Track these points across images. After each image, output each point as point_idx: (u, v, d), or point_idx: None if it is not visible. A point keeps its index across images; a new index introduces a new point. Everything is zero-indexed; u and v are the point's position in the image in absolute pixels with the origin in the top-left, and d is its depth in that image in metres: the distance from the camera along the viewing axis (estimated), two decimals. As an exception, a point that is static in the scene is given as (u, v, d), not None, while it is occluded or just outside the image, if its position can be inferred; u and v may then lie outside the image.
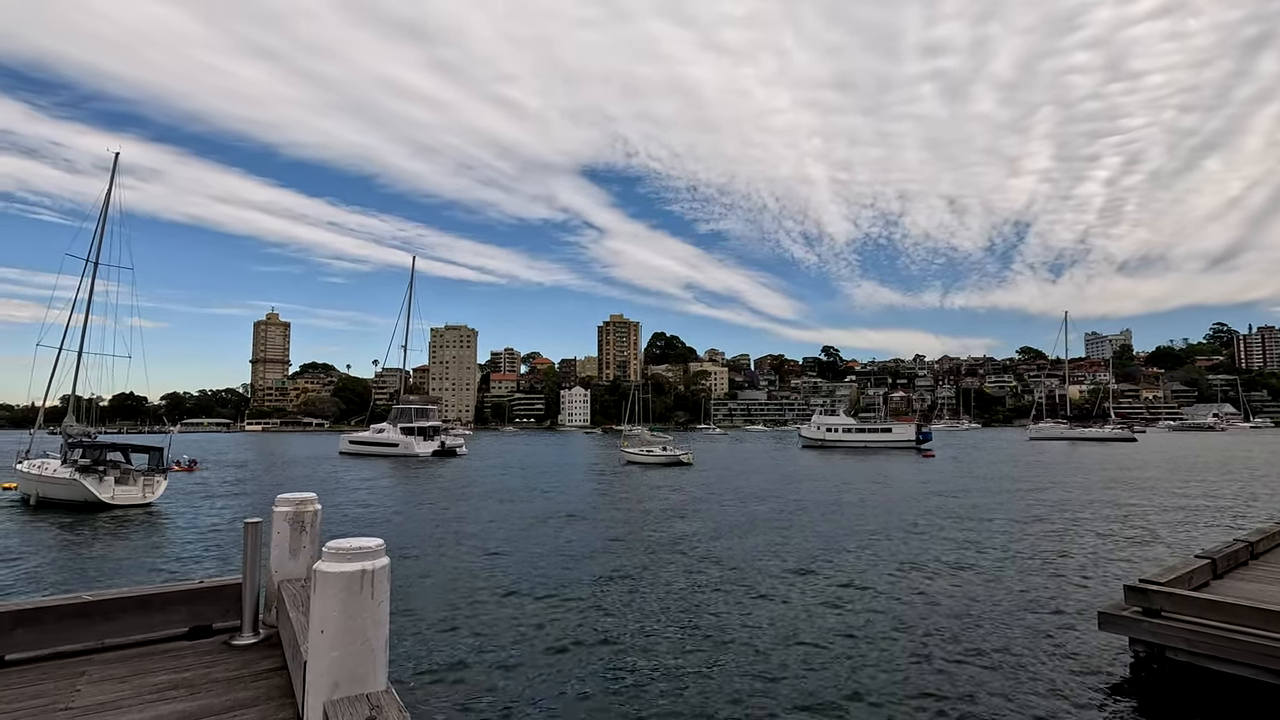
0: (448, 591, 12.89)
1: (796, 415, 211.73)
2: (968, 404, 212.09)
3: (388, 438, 62.53)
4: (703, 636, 10.09)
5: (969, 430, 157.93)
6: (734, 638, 10.05)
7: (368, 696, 2.97)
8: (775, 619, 10.96)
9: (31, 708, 3.91)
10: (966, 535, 18.63)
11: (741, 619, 10.98)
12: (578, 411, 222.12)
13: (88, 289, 30.73)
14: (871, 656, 9.18)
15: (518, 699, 7.88)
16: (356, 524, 21.91)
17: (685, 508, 25.00)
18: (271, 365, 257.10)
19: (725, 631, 10.32)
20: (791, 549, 16.84)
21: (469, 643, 9.85)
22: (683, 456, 47.62)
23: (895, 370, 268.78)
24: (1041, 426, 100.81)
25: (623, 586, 13.25)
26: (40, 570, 15.34)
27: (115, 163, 32.16)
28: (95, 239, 31.01)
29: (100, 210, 31.59)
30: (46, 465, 27.01)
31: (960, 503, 25.76)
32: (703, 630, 10.39)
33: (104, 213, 31.54)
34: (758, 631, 10.33)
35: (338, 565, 3.04)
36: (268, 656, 4.80)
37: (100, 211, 31.57)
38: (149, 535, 20.22)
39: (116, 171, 31.96)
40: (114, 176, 32.01)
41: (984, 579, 13.54)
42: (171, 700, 4.02)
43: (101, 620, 4.96)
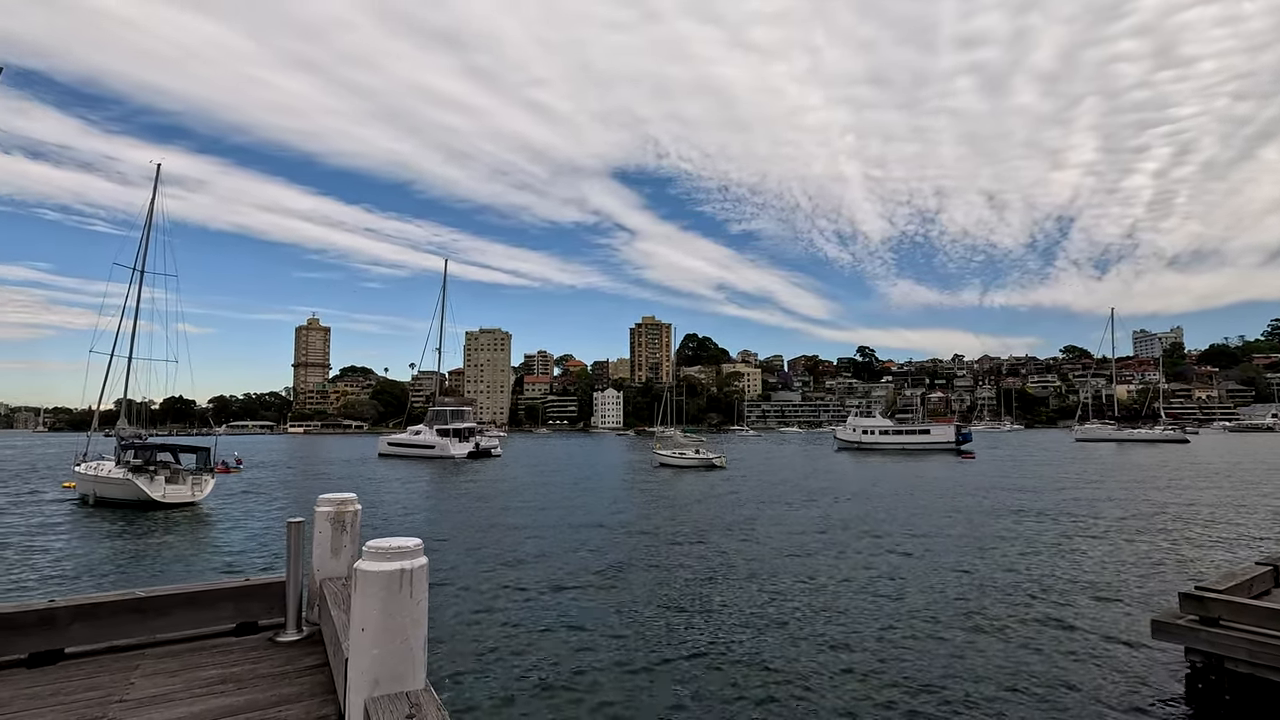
0: (482, 592, 13.02)
1: (831, 417, 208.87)
2: (1009, 405, 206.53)
3: (424, 440, 63.53)
4: (727, 635, 10.01)
5: (1011, 431, 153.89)
6: (781, 642, 9.94)
7: (407, 695, 3.00)
8: (819, 621, 10.81)
9: (88, 699, 4.06)
10: (1012, 539, 18.12)
11: (788, 622, 10.86)
12: (610, 413, 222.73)
13: (135, 296, 31.92)
14: (913, 664, 8.98)
15: (552, 700, 7.91)
16: (394, 524, 22.30)
17: (717, 512, 24.86)
18: (313, 369, 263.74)
19: (766, 634, 10.22)
20: (832, 553, 16.60)
21: (504, 644, 9.93)
22: (715, 460, 47.31)
23: (933, 370, 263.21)
24: (1088, 427, 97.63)
25: (655, 589, 13.21)
26: (97, 566, 15.97)
27: (158, 174, 33.31)
28: (140, 248, 32.16)
29: (145, 220, 32.77)
30: (102, 466, 28.10)
31: (1004, 506, 25.09)
32: (727, 629, 10.30)
33: (148, 222, 32.65)
34: (804, 632, 10.20)
35: (377, 564, 3.08)
36: (310, 653, 4.90)
37: (145, 221, 32.74)
38: (197, 533, 20.89)
39: (160, 182, 33.12)
40: (157, 187, 33.10)
41: (1031, 584, 13.16)
42: (220, 694, 4.13)
43: (154, 616, 5.13)
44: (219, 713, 3.87)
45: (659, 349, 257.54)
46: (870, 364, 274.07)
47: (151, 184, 32.87)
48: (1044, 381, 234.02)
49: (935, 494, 29.30)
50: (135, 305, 31.92)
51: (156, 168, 33.38)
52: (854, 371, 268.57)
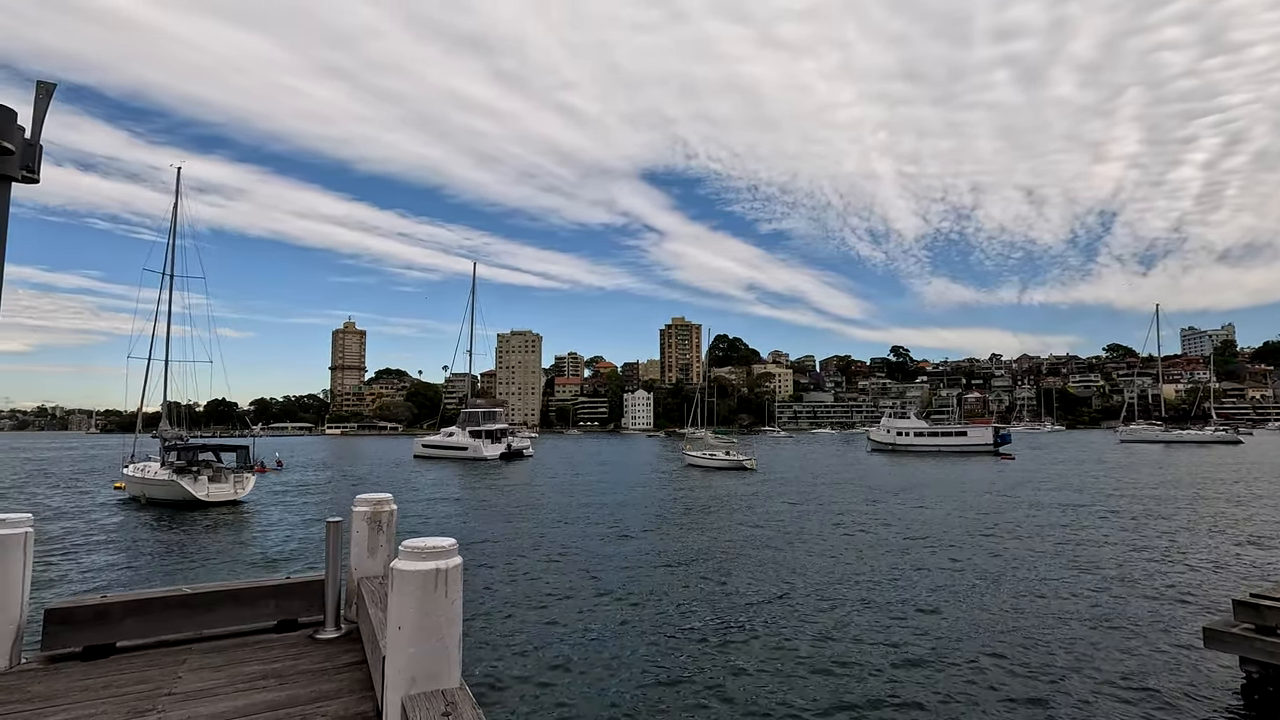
0: (514, 591, 13.13)
1: (865, 418, 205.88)
2: (1050, 405, 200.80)
3: (457, 441, 64.35)
4: (752, 634, 9.91)
5: (1052, 432, 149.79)
6: (820, 650, 9.83)
7: (443, 693, 3.04)
8: (865, 627, 10.66)
9: (139, 692, 4.20)
10: (1057, 542, 17.64)
11: (829, 631, 10.73)
12: (641, 414, 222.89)
13: (165, 300, 32.82)
14: (955, 675, 8.80)
15: (583, 700, 7.93)
16: (429, 524, 22.63)
17: (747, 515, 24.69)
18: (349, 371, 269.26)
19: (795, 641, 10.11)
20: (869, 557, 16.36)
21: (536, 643, 9.99)
22: (746, 461, 46.95)
23: (970, 370, 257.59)
24: (1133, 428, 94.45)
25: (684, 590, 13.17)
26: (145, 563, 16.53)
27: (179, 178, 33.86)
28: (168, 252, 32.95)
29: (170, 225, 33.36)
30: (148, 468, 29.08)
31: (1048, 509, 24.43)
32: (754, 628, 10.21)
33: (173, 226, 33.21)
34: (845, 639, 10.07)
35: (413, 563, 3.12)
36: (349, 651, 4.99)
37: (170, 226, 33.32)
38: (239, 531, 21.48)
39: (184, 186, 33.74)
40: (179, 191, 33.63)
41: (1078, 590, 12.79)
42: (262, 690, 4.24)
43: (200, 612, 5.28)
44: (262, 707, 3.96)
45: (689, 350, 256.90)
46: (904, 364, 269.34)
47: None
48: (1086, 381, 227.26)
49: (975, 496, 28.66)
50: (168, 309, 32.89)
51: (177, 171, 33.88)
52: (888, 372, 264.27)
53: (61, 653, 4.84)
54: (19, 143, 4.42)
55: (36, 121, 4.55)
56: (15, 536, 4.70)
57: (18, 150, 4.42)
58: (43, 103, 4.58)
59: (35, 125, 4.55)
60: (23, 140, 4.46)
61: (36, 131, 4.56)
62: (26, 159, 4.52)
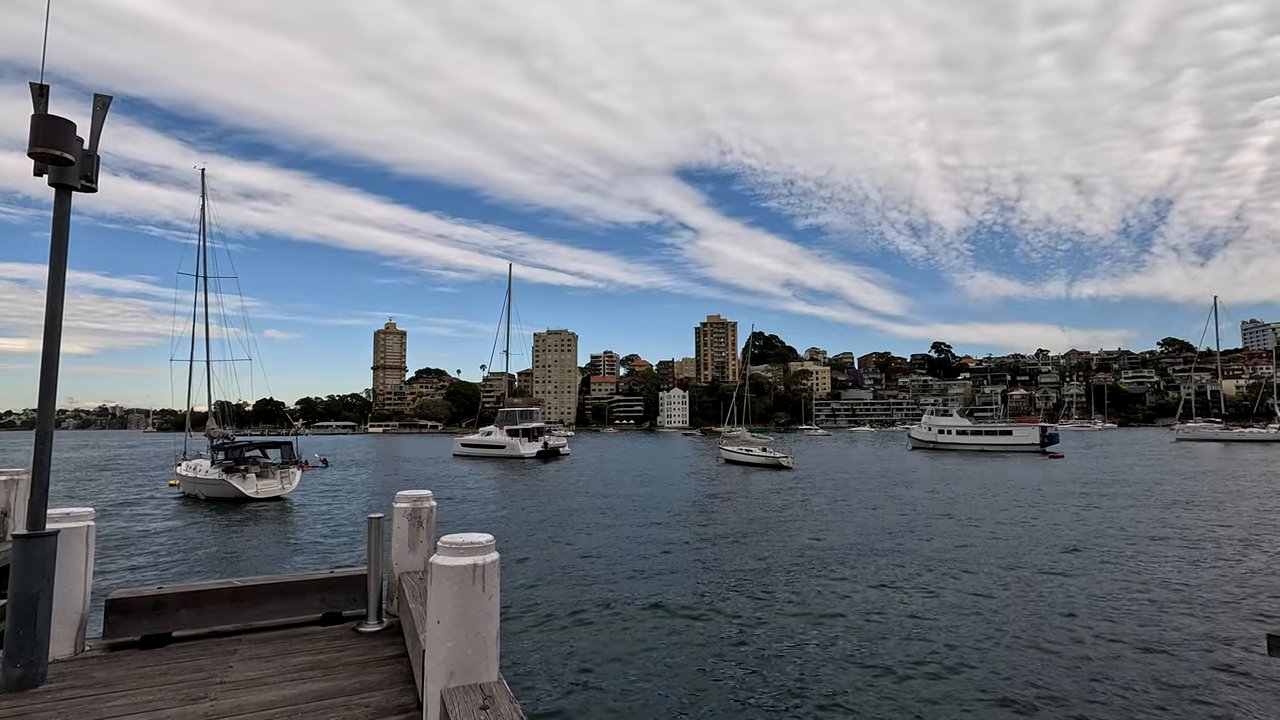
0: (551, 587, 13.24)
1: (905, 415, 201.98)
2: (1100, 402, 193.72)
3: (495, 440, 65.18)
4: (789, 637, 9.80)
5: (1102, 430, 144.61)
6: (863, 657, 9.69)
7: (480, 687, 3.08)
8: (915, 634, 10.48)
9: (193, 680, 4.38)
10: (1112, 545, 17.04)
11: (879, 638, 10.57)
12: (676, 413, 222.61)
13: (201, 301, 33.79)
14: (1009, 684, 8.57)
15: (618, 697, 7.96)
16: (468, 521, 22.97)
17: (788, 511, 24.45)
18: (390, 371, 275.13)
19: (836, 648, 9.97)
20: (912, 558, 16.05)
21: (572, 641, 10.06)
22: (783, 459, 46.52)
23: (1015, 367, 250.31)
24: (1191, 426, 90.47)
25: (722, 586, 13.11)
26: (199, 555, 17.16)
27: (204, 179, 34.08)
28: (199, 254, 33.72)
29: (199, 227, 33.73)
30: (199, 466, 30.15)
31: (1103, 510, 23.62)
32: (789, 629, 10.09)
33: (201, 228, 33.71)
34: (898, 648, 9.90)
35: (451, 559, 3.17)
36: (391, 643, 5.11)
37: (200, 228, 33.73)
38: (285, 525, 22.14)
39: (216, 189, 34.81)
40: (205, 192, 33.85)
41: (1139, 594, 12.33)
42: (309, 680, 4.36)
43: (249, 604, 5.47)
44: (308, 697, 4.08)
45: (725, 348, 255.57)
46: (946, 360, 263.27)
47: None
48: (1139, 377, 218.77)
49: (1024, 496, 27.87)
50: (204, 311, 33.90)
51: (201, 173, 34.04)
52: (929, 368, 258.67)
53: (121, 641, 5.07)
54: (78, 153, 4.63)
55: (94, 133, 4.76)
56: (78, 530, 4.92)
57: (77, 161, 4.63)
58: (99, 115, 4.78)
59: (93, 136, 4.76)
60: (81, 151, 4.67)
61: (94, 142, 4.77)
62: (85, 169, 4.73)
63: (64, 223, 4.68)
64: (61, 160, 4.50)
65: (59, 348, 4.62)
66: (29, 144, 4.37)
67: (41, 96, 4.43)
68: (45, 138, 4.40)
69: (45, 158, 4.46)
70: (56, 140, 4.43)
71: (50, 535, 4.51)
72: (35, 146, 4.39)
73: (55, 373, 4.61)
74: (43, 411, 4.55)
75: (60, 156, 4.48)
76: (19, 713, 3.88)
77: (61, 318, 4.63)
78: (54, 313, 4.59)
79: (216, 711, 3.88)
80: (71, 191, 4.71)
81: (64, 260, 4.66)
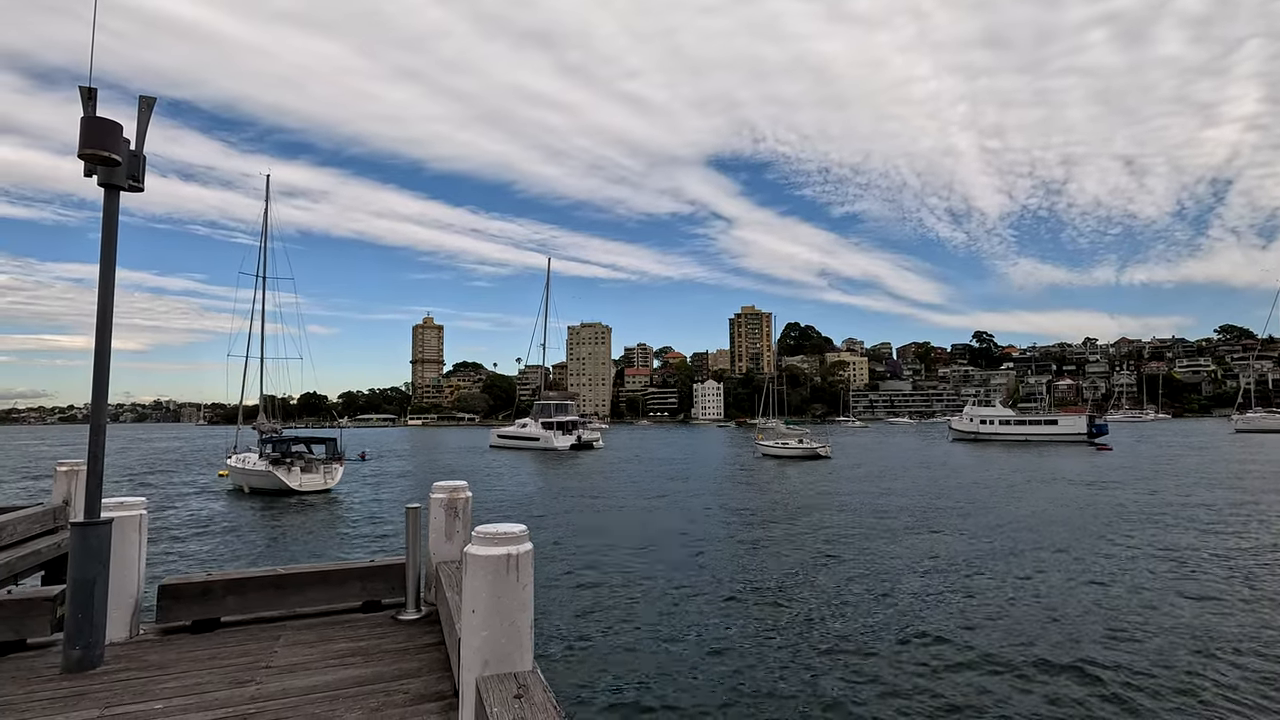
0: (584, 577, 13.32)
1: (946, 406, 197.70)
2: (1153, 392, 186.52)
3: (530, 432, 65.92)
4: (830, 631, 9.67)
5: (1154, 421, 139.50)
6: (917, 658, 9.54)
7: (515, 675, 3.09)
8: (973, 636, 10.27)
9: (240, 664, 4.51)
10: (1167, 545, 16.44)
11: (928, 641, 10.40)
12: (711, 405, 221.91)
13: (260, 300, 34.99)
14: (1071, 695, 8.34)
15: (652, 689, 7.97)
16: (503, 511, 23.28)
17: (831, 501, 24.18)
18: (428, 365, 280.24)
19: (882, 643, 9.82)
20: (953, 555, 15.73)
21: (606, 632, 10.11)
22: (820, 449, 46.06)
23: (1061, 356, 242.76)
24: (1251, 416, 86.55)
25: (759, 580, 13.02)
26: (246, 544, 17.75)
27: (268, 184, 36.09)
28: (260, 255, 35.12)
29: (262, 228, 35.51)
30: (248, 459, 31.15)
31: (1157, 503, 22.80)
32: (828, 624, 9.96)
33: (264, 230, 35.44)
34: (954, 656, 9.73)
35: (486, 549, 3.18)
36: (429, 631, 5.19)
37: (261, 229, 35.51)
38: (328, 516, 22.75)
39: (273, 191, 35.93)
40: (269, 196, 35.83)
41: (1203, 596, 11.88)
42: (350, 666, 4.46)
43: (292, 591, 5.62)
44: (349, 683, 4.17)
45: (759, 339, 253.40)
46: (988, 350, 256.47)
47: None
48: (1194, 366, 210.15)
49: (1071, 489, 27.06)
50: (261, 309, 35.07)
51: (266, 179, 36.22)
52: (970, 358, 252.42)
53: (173, 625, 5.26)
54: (125, 154, 4.77)
55: (139, 133, 4.89)
56: (132, 519, 5.11)
57: (124, 161, 4.77)
58: (144, 116, 4.92)
59: (138, 137, 4.90)
60: (128, 152, 4.81)
61: (140, 143, 4.91)
62: (132, 169, 4.87)
63: (113, 221, 4.84)
64: (109, 161, 4.64)
65: (110, 343, 4.78)
66: (79, 145, 4.52)
67: (90, 99, 4.57)
68: (93, 139, 4.54)
69: (94, 159, 4.60)
70: (104, 141, 4.57)
71: (105, 523, 4.69)
72: (84, 148, 4.53)
73: (107, 368, 4.78)
74: (96, 405, 4.73)
75: (108, 157, 4.62)
76: (79, 692, 4.06)
77: (112, 313, 4.80)
78: (105, 309, 4.75)
79: (262, 694, 3.99)
80: (119, 191, 4.86)
81: (113, 257, 4.82)
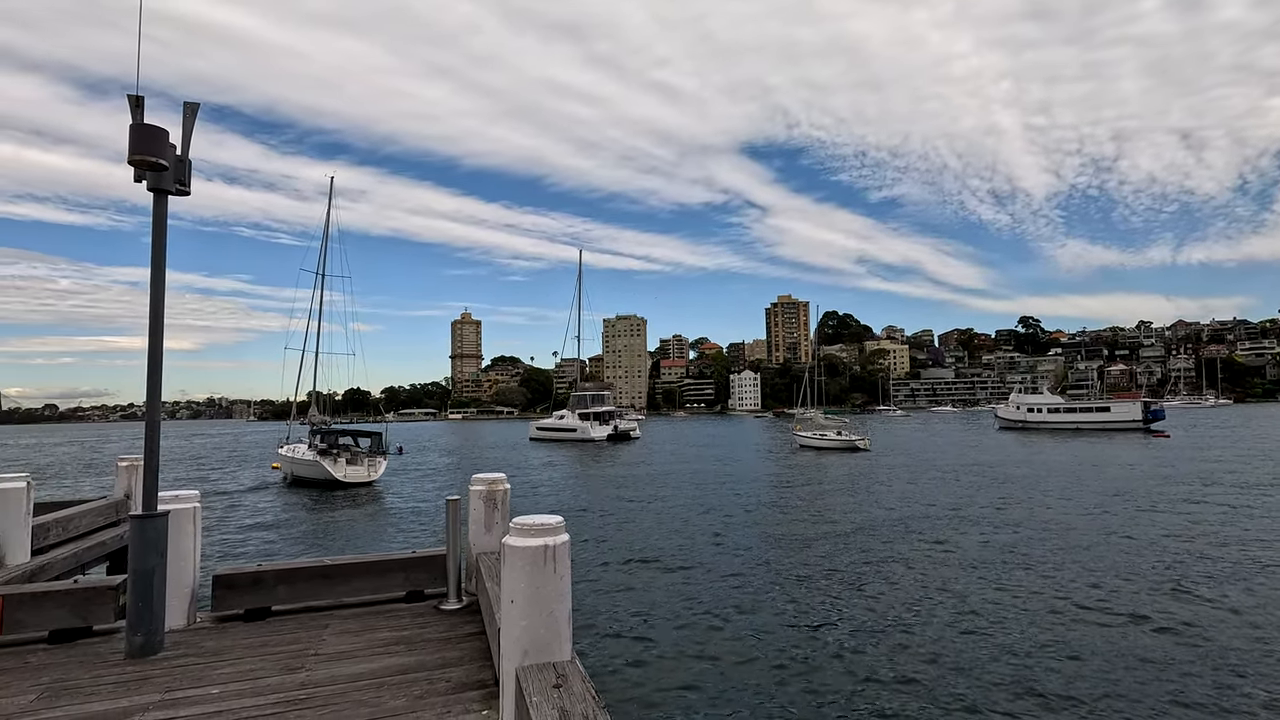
0: (620, 570, 13.39)
1: (990, 394, 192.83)
2: (1212, 376, 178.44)
3: (567, 424, 66.52)
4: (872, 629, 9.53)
5: (1215, 407, 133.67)
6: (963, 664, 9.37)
7: (554, 665, 3.12)
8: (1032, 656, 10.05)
9: (290, 651, 4.67)
10: (1236, 543, 15.77)
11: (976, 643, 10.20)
12: (747, 395, 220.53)
13: (318, 298, 36.05)
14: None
15: (688, 683, 7.97)
16: (542, 503, 23.54)
17: (867, 497, 23.83)
18: (467, 360, 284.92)
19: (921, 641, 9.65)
20: (1023, 558, 15.35)
21: (642, 620, 10.14)
22: (858, 441, 45.31)
23: (1112, 340, 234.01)
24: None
25: (790, 572, 12.91)
26: (294, 534, 18.33)
27: (331, 186, 37.27)
28: (321, 254, 36.21)
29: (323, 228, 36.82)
30: (297, 449, 32.17)
31: (1219, 501, 21.88)
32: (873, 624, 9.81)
33: (326, 230, 36.68)
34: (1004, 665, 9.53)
35: (523, 540, 3.22)
36: (470, 621, 5.28)
37: (324, 229, 36.81)
38: (372, 508, 23.33)
39: (333, 193, 36.96)
40: (331, 197, 37.00)
41: (1251, 600, 11.37)
42: (394, 654, 4.57)
43: (338, 581, 5.78)
44: (393, 670, 4.28)
45: (796, 328, 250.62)
46: (1034, 335, 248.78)
47: (326, 197, 36.96)
48: (1258, 348, 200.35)
49: (1130, 481, 26.13)
50: (319, 306, 36.16)
51: (330, 180, 37.36)
52: (1015, 344, 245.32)
53: (227, 614, 5.46)
54: (171, 159, 4.92)
55: (185, 139, 5.04)
56: (186, 511, 5.31)
57: (171, 166, 4.92)
58: (189, 121, 5.06)
59: (184, 142, 5.05)
60: (174, 156, 4.96)
61: (185, 148, 5.06)
62: (179, 173, 5.03)
63: (162, 224, 5.01)
64: (157, 166, 4.80)
65: (163, 344, 4.96)
66: (128, 152, 4.68)
67: (138, 107, 4.73)
68: (142, 145, 4.70)
69: (143, 164, 4.76)
70: (152, 147, 4.73)
71: (162, 516, 4.88)
72: (134, 154, 4.70)
73: (160, 367, 4.96)
74: (151, 403, 4.91)
75: (156, 162, 4.77)
76: (141, 677, 4.24)
77: (163, 315, 4.97)
78: (157, 310, 4.93)
79: (312, 681, 4.11)
80: (167, 195, 5.02)
81: (163, 260, 4.99)
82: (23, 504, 7.75)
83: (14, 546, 7.61)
